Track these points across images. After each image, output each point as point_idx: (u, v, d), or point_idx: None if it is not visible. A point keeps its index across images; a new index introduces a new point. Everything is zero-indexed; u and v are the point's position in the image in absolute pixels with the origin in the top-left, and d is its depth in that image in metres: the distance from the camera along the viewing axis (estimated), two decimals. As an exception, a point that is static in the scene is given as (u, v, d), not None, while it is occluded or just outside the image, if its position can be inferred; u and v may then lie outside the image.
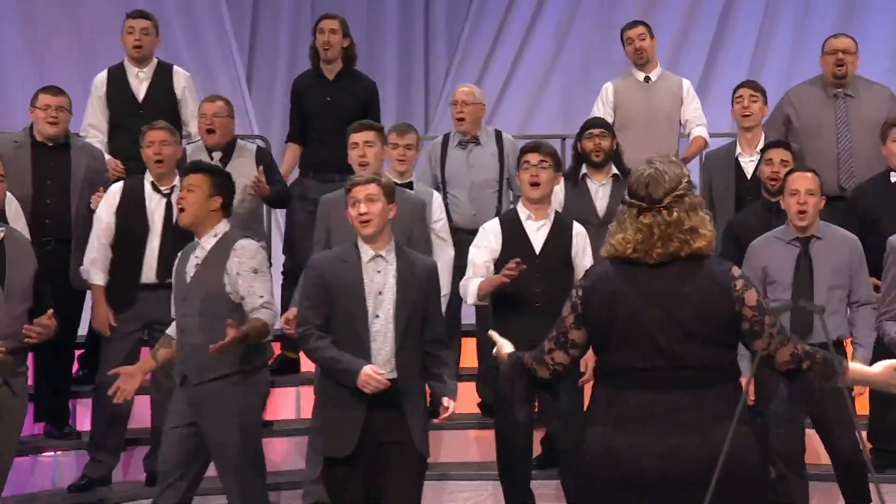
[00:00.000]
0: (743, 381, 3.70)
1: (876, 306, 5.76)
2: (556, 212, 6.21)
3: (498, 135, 7.38)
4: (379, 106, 7.59)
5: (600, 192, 6.76)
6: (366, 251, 5.07)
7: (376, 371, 4.89)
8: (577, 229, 6.12)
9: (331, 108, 7.37)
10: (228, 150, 6.88)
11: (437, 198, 6.62)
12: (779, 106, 7.45)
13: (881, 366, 3.78)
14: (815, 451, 6.30)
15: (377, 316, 4.99)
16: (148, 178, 6.36)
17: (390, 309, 5.01)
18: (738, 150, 7.13)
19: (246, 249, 5.23)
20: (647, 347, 3.65)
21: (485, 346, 6.75)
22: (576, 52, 10.23)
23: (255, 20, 10.15)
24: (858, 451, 5.75)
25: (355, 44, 7.61)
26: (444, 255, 6.44)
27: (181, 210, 5.32)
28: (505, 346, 4.04)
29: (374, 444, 4.96)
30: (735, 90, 7.30)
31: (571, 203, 6.71)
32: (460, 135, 7.30)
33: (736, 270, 3.70)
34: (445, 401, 5.08)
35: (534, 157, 6.03)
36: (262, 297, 5.17)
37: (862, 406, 6.55)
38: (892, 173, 6.58)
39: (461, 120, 7.27)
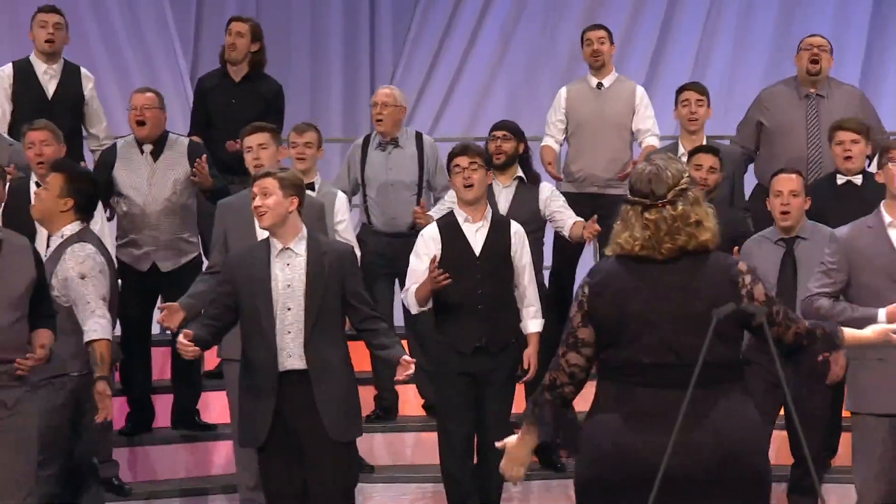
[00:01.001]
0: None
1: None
2: (494, 211, 6.22)
3: (418, 136, 7.36)
4: (282, 106, 7.57)
5: (504, 194, 6.77)
6: (275, 245, 5.22)
7: (181, 342, 5.10)
8: (515, 228, 6.16)
9: (235, 110, 7.34)
10: (160, 143, 6.83)
11: (340, 198, 6.65)
12: (752, 107, 7.50)
13: (871, 329, 4.00)
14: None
15: (289, 308, 5.07)
16: (33, 179, 6.32)
17: (301, 301, 5.13)
18: (681, 150, 7.13)
19: (75, 254, 5.17)
20: (657, 343, 3.64)
21: (414, 349, 6.76)
22: (521, 54, 10.22)
23: (198, 20, 10.05)
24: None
25: (265, 49, 7.58)
26: None
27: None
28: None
29: (288, 434, 5.08)
30: (679, 92, 7.33)
31: None
32: (380, 136, 7.26)
33: (743, 265, 3.73)
34: (403, 359, 5.23)
35: (464, 160, 6.06)
36: (89, 303, 5.11)
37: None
38: (838, 175, 6.62)
39: (380, 121, 7.22)
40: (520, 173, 6.80)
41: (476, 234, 6.09)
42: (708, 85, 7.78)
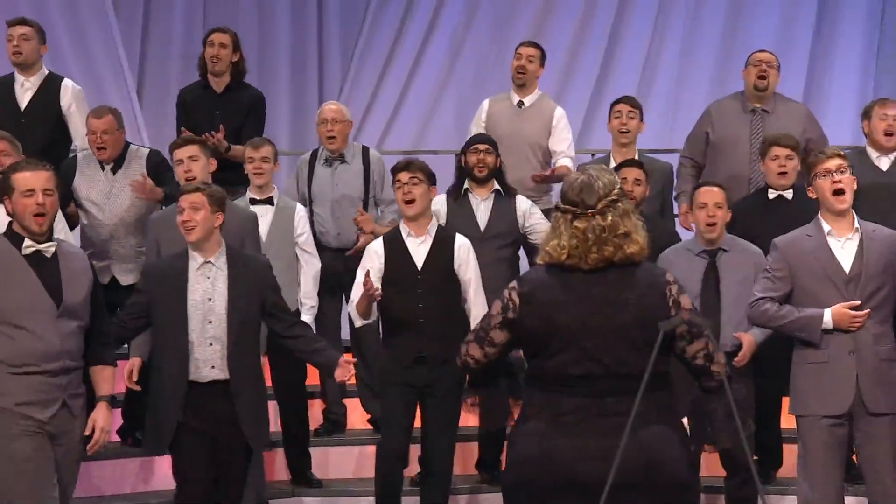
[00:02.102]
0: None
1: None
2: (440, 226, 6.26)
3: (364, 151, 7.36)
4: (263, 113, 7.58)
5: (482, 206, 6.81)
6: (195, 258, 5.31)
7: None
8: (460, 242, 6.19)
9: (218, 121, 7.31)
10: (120, 157, 6.82)
11: (300, 211, 6.76)
12: (700, 120, 7.55)
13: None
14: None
15: (209, 321, 5.15)
16: None
17: (223, 314, 5.24)
18: (613, 163, 7.17)
19: None
20: (585, 355, 3.67)
21: (359, 364, 6.77)
22: (469, 68, 10.26)
23: (145, 29, 10.00)
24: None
25: (245, 58, 7.58)
26: (310, 268, 6.72)
27: None
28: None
29: (204, 442, 5.21)
30: (613, 105, 7.38)
31: (453, 218, 6.76)
32: (328, 152, 7.27)
33: (670, 276, 3.76)
34: (342, 360, 5.42)
35: (405, 176, 6.11)
36: None
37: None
38: (770, 190, 6.69)
39: (333, 139, 7.21)
40: (497, 186, 6.83)
41: (419, 249, 6.13)
42: (654, 98, 7.87)
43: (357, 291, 6.05)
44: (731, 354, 5.82)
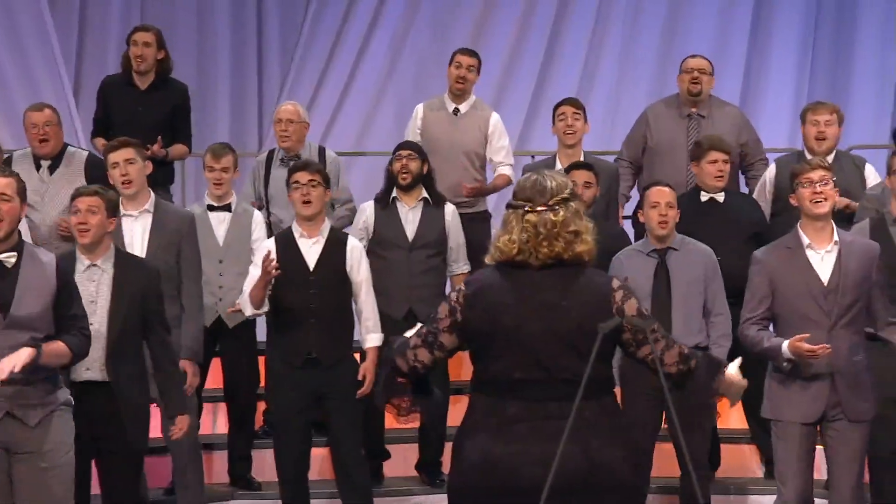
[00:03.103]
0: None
1: (728, 316, 6.11)
2: (332, 228, 6.25)
3: (321, 152, 7.35)
4: (189, 107, 7.52)
5: (410, 215, 6.80)
6: (82, 261, 5.28)
7: None
8: (352, 244, 6.21)
9: (141, 118, 7.27)
10: (57, 157, 6.76)
11: (257, 217, 6.77)
12: (637, 124, 7.58)
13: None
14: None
15: (91, 324, 5.06)
16: None
17: (104, 317, 5.20)
18: (558, 165, 7.20)
19: None
20: (528, 359, 3.67)
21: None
22: (410, 68, 10.25)
23: (81, 27, 9.89)
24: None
25: (170, 55, 7.52)
26: None
27: None
28: None
29: (84, 442, 5.05)
30: (557, 107, 7.38)
31: (381, 226, 6.76)
32: (284, 152, 7.22)
33: (615, 282, 3.76)
34: (178, 419, 5.42)
35: (303, 177, 6.11)
36: None
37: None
38: (702, 192, 6.74)
39: (286, 138, 7.21)
40: (425, 194, 6.82)
41: (311, 249, 6.12)
42: (593, 101, 7.90)
43: (250, 282, 6.03)
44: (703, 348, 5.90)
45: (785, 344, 5.21)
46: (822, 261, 5.31)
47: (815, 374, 5.25)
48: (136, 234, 6.00)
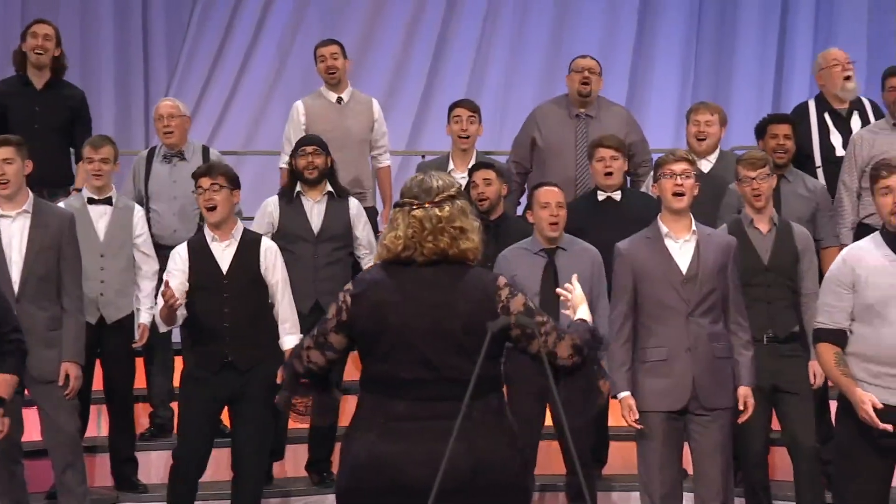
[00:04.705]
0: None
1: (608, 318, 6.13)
2: (245, 229, 6.21)
3: (205, 150, 7.29)
4: (89, 114, 7.42)
5: (315, 209, 6.79)
6: None
7: None
8: (266, 245, 6.15)
9: (39, 118, 7.14)
10: None
11: (139, 212, 6.66)
12: (526, 124, 7.61)
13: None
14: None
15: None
16: None
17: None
18: (451, 166, 7.23)
19: None
20: (415, 358, 3.66)
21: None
22: (298, 67, 10.19)
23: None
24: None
25: (65, 54, 7.40)
26: (149, 269, 6.61)
27: None
28: None
29: None
30: (451, 108, 7.40)
31: (286, 220, 6.74)
32: (166, 148, 7.16)
33: (502, 280, 3.75)
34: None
35: (205, 182, 6.05)
36: None
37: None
38: (599, 192, 6.82)
39: (170, 134, 7.14)
40: (329, 188, 6.81)
41: (224, 253, 6.05)
42: (483, 100, 7.93)
43: (162, 298, 5.93)
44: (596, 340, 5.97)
45: (624, 395, 5.39)
46: (681, 250, 5.41)
47: (676, 365, 5.34)
48: (15, 235, 5.89)
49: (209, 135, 9.97)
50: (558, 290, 4.11)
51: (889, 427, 4.74)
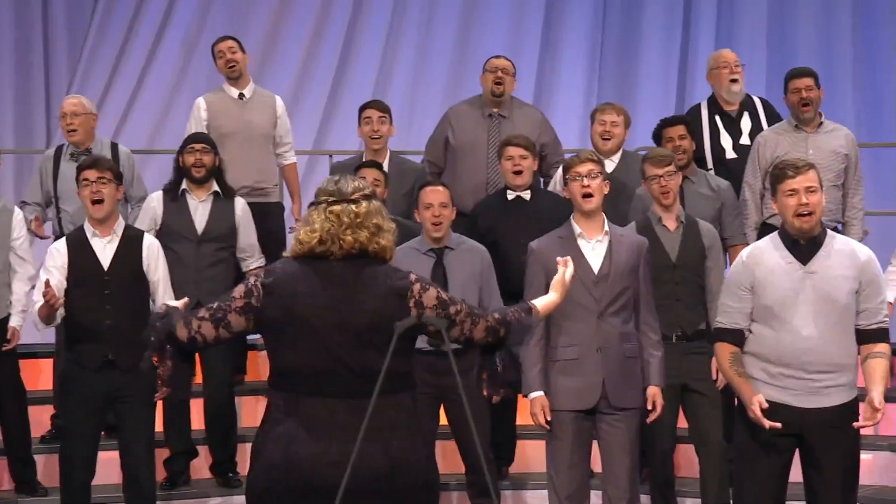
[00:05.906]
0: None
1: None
2: (127, 225, 6.14)
3: (114, 147, 7.19)
4: None
5: (200, 208, 6.73)
6: None
7: None
8: (149, 241, 6.09)
9: None
10: None
11: (18, 214, 6.55)
12: (440, 124, 7.61)
13: (552, 289, 4.10)
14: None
15: None
16: None
17: None
18: (363, 167, 7.21)
19: None
20: (323, 352, 3.66)
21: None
22: (204, 63, 10.06)
23: None
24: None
25: None
26: (24, 273, 6.48)
27: None
28: None
29: None
30: (362, 110, 7.38)
31: (170, 218, 6.68)
32: (73, 147, 7.04)
33: (413, 276, 3.76)
34: None
35: (92, 174, 5.97)
36: None
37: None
38: (508, 191, 6.84)
39: (73, 132, 7.02)
40: (216, 188, 6.74)
41: (105, 249, 5.98)
42: (390, 100, 7.90)
43: (39, 290, 5.84)
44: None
45: (536, 395, 5.40)
46: (593, 250, 5.47)
47: (587, 364, 5.39)
48: None
49: (113, 132, 9.82)
50: (558, 258, 4.18)
51: (778, 425, 4.79)
